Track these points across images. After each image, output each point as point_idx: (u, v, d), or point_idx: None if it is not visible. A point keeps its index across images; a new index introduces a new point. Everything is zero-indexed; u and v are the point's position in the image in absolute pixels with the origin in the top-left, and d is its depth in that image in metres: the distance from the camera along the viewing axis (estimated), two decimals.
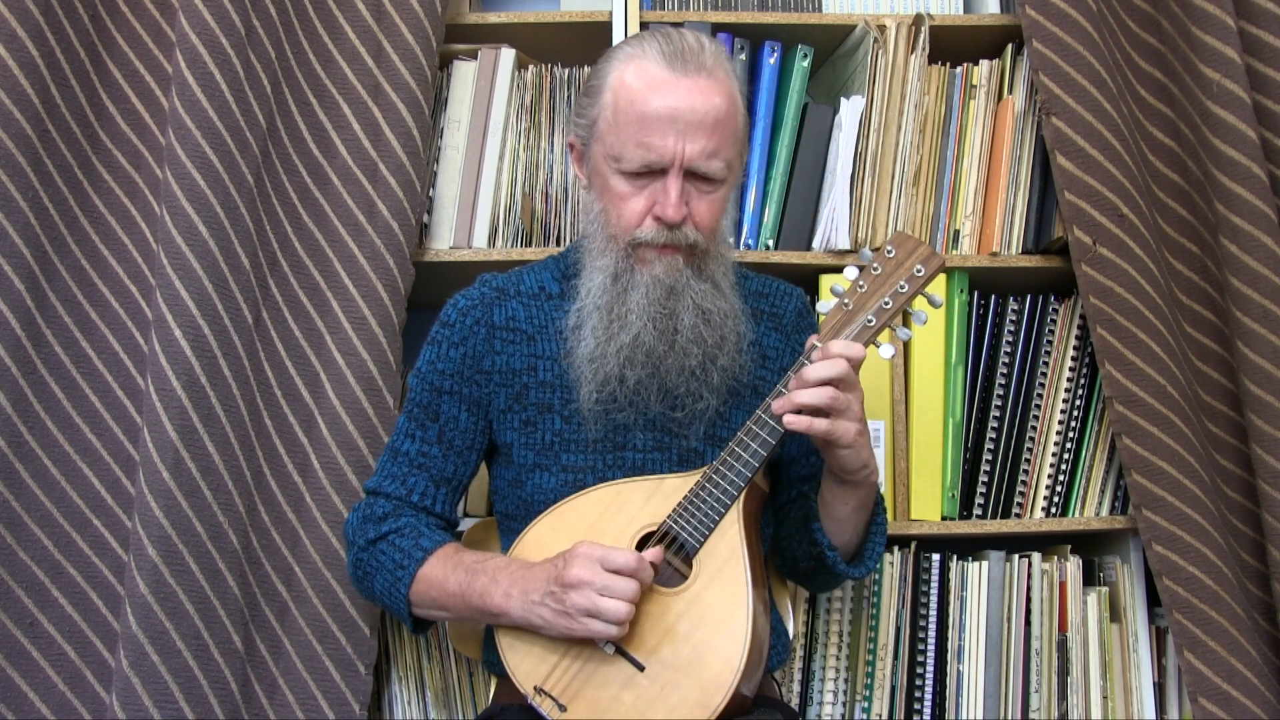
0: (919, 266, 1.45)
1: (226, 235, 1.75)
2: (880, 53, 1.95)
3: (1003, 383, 1.95)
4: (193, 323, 1.71)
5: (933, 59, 1.99)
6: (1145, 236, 1.86)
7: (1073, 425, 1.95)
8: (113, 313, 1.83)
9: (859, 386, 1.43)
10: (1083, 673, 1.90)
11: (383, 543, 1.53)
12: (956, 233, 1.99)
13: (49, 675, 1.73)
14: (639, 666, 1.38)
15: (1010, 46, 2.01)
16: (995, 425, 1.94)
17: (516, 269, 1.65)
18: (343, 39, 1.90)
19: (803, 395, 1.39)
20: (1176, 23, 1.92)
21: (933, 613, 1.89)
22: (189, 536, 1.69)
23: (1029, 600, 1.90)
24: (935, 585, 1.89)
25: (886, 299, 1.45)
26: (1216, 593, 1.79)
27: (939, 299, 1.49)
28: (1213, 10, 1.86)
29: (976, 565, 1.90)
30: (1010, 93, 1.99)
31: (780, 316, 1.65)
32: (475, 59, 2.00)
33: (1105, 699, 1.90)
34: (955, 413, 1.93)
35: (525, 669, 1.42)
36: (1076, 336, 1.96)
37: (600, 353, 1.49)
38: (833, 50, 2.11)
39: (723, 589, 1.40)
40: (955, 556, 1.91)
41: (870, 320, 1.44)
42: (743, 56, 1.99)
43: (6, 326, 1.74)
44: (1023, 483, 1.95)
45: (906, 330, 1.48)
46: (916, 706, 1.87)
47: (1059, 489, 1.95)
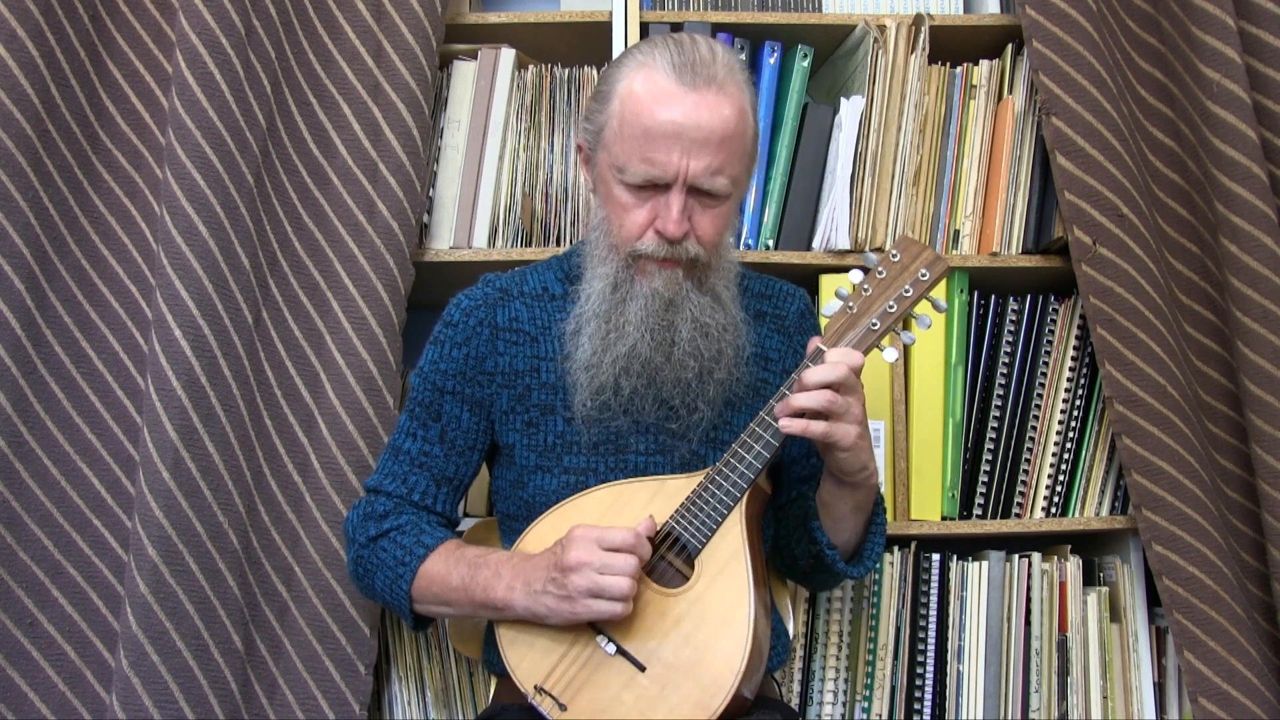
0: (924, 271, 1.45)
1: (226, 235, 1.74)
2: (880, 53, 1.95)
3: (1003, 383, 1.95)
4: (193, 323, 1.71)
5: (933, 59, 1.99)
6: (1145, 236, 1.86)
7: (1073, 425, 1.95)
8: (113, 313, 1.83)
9: (860, 390, 1.42)
10: (1083, 673, 1.90)
11: (384, 540, 1.53)
12: (956, 233, 1.99)
13: (49, 675, 1.73)
14: (640, 666, 1.38)
15: (1010, 46, 2.01)
16: (995, 425, 1.94)
17: (519, 269, 1.64)
18: (343, 39, 1.89)
19: (800, 399, 1.39)
20: (1176, 23, 1.92)
21: (933, 613, 1.89)
22: (189, 536, 1.69)
23: (1029, 600, 1.90)
24: (935, 585, 1.89)
25: (891, 303, 1.45)
26: (1216, 593, 1.79)
27: (943, 303, 1.48)
28: (1213, 10, 1.86)
29: (976, 565, 1.90)
30: (1010, 93, 1.99)
31: (783, 318, 1.64)
32: (475, 59, 2.00)
33: (1105, 699, 1.90)
34: (955, 413, 1.93)
35: (526, 668, 1.42)
36: (1076, 337, 1.96)
37: (596, 361, 1.49)
38: (833, 50, 2.11)
39: (724, 590, 1.40)
40: (955, 556, 1.91)
41: (874, 324, 1.44)
42: (743, 56, 1.99)
43: (6, 326, 1.74)
44: (1023, 483, 1.95)
45: (910, 334, 1.48)
46: (916, 706, 1.87)
47: (1059, 489, 1.95)
